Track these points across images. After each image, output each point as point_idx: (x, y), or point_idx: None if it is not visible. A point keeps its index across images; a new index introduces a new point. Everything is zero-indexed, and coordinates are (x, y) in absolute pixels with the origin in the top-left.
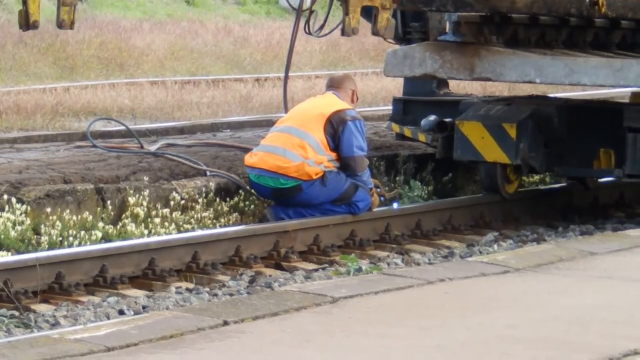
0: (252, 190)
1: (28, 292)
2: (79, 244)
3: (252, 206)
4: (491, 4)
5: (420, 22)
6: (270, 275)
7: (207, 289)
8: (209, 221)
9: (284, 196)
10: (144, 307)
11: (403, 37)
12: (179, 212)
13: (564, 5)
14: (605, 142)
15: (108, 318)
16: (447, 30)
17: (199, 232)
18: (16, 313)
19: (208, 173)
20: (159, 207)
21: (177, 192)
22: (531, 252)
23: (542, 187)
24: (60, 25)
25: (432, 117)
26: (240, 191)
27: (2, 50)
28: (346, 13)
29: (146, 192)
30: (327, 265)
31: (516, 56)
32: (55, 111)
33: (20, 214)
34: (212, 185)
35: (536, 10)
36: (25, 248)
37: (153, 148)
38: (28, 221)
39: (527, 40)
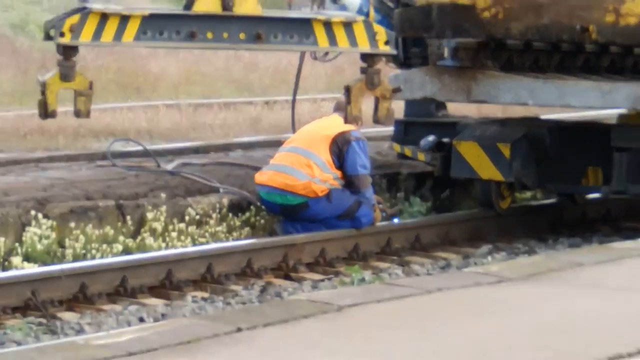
0: (262, 206)
1: (54, 301)
2: (101, 257)
3: (263, 221)
4: (487, 30)
5: (420, 47)
6: (279, 285)
7: (221, 298)
8: (222, 235)
9: (292, 212)
10: (162, 315)
11: (404, 62)
12: (194, 227)
13: (556, 32)
14: (594, 160)
15: (129, 325)
16: (445, 55)
17: (213, 245)
18: (43, 321)
19: (221, 190)
20: (175, 222)
21: (192, 208)
22: (523, 263)
23: (533, 202)
24: (77, 114)
25: (431, 138)
26: (252, 207)
27: (26, 75)
28: (348, 102)
29: (163, 208)
30: (332, 275)
31: (510, 80)
32: (76, 133)
33: (46, 229)
34: (225, 201)
35: (530, 36)
36: (50, 260)
37: (169, 167)
38: (53, 235)
39: (521, 65)
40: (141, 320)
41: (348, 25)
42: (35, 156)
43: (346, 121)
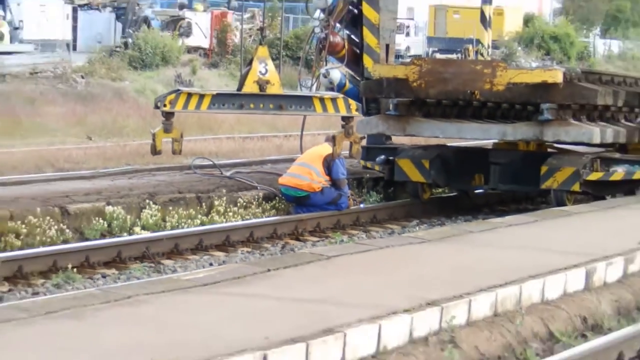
0: (283, 197)
1: (160, 253)
2: (187, 227)
3: (282, 206)
4: (415, 94)
5: (375, 103)
6: (293, 244)
7: (258, 251)
8: (259, 214)
9: (300, 201)
10: (223, 262)
11: (366, 112)
12: (243, 209)
13: (455, 94)
14: (478, 169)
15: (203, 267)
16: (390, 108)
17: (254, 220)
18: (153, 265)
19: (258, 187)
20: (231, 206)
21: (241, 198)
22: (437, 230)
23: (443, 195)
24: (173, 152)
25: (382, 156)
26: (276, 197)
27: (144, 120)
28: (334, 145)
29: (224, 198)
30: (324, 238)
31: (428, 123)
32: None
33: (155, 210)
34: (260, 194)
35: (440, 97)
36: (158, 229)
37: (228, 174)
38: (159, 214)
39: (435, 114)
40: (210, 264)
41: (334, 100)
42: (148, 167)
43: (333, 154)
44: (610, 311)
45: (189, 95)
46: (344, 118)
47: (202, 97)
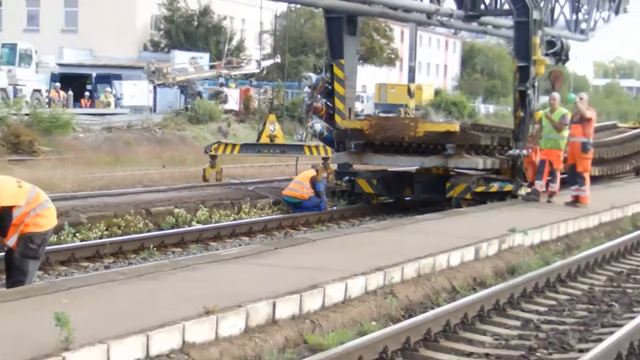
0: (285, 203)
1: (208, 238)
2: (225, 221)
3: (285, 208)
4: (367, 138)
5: (343, 144)
6: (291, 232)
7: (269, 237)
8: (271, 213)
9: (295, 205)
10: (247, 243)
11: (337, 150)
12: (260, 210)
13: (392, 138)
14: (407, 185)
15: (235, 247)
16: (352, 147)
17: (267, 217)
18: (203, 245)
19: (269, 197)
20: (252, 209)
21: (259, 203)
22: (382, 223)
23: (385, 201)
24: (216, 180)
25: (347, 177)
26: (281, 203)
27: (199, 156)
28: (316, 173)
29: (248, 203)
30: (311, 229)
31: (375, 156)
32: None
33: (205, 211)
34: (271, 201)
35: (383, 140)
36: (206, 223)
37: (250, 188)
38: (207, 214)
39: (379, 150)
40: (239, 245)
41: (317, 147)
42: (200, 185)
43: (316, 177)
44: (490, 273)
45: (226, 145)
46: (323, 158)
47: (234, 146)
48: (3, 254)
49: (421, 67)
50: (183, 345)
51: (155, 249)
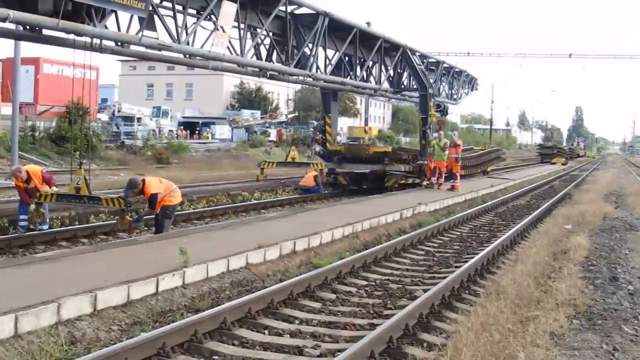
0: (300, 190)
1: (260, 208)
2: (269, 199)
3: (300, 192)
4: (343, 155)
5: (330, 158)
6: (304, 205)
7: (292, 207)
8: (293, 195)
9: (305, 190)
10: (280, 211)
11: (327, 161)
12: (287, 194)
13: (356, 155)
14: (364, 179)
15: (274, 212)
16: (335, 160)
17: (291, 197)
18: (258, 212)
19: (292, 186)
20: (283, 193)
21: (286, 190)
22: (353, 200)
23: (352, 188)
24: (264, 179)
25: (332, 175)
26: (297, 189)
27: (249, 165)
28: (319, 175)
29: (280, 189)
30: (316, 203)
31: (347, 164)
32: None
33: (257, 194)
34: (293, 188)
35: (351, 156)
36: (259, 199)
37: (282, 181)
38: (259, 195)
39: (349, 162)
40: (276, 212)
41: (316, 163)
42: (255, 180)
43: (317, 177)
44: (408, 226)
45: (269, 162)
46: (320, 169)
47: (272, 163)
48: (153, 216)
49: (370, 118)
50: (247, 265)
51: (232, 213)
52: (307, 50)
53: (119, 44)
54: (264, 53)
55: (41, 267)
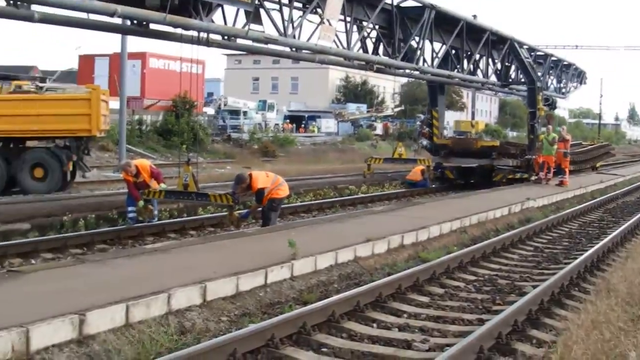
0: (407, 183)
1: (366, 201)
2: (375, 192)
3: (407, 186)
4: (449, 149)
5: (437, 152)
6: (410, 199)
7: (398, 201)
8: (399, 189)
9: (412, 184)
10: (387, 205)
11: (434, 155)
12: (394, 187)
13: (464, 148)
14: (472, 173)
15: (381, 206)
16: (442, 153)
17: (398, 190)
18: (365, 206)
19: (399, 180)
20: (390, 186)
21: (393, 183)
22: (460, 194)
23: (459, 183)
24: (370, 175)
25: (439, 169)
26: (404, 183)
27: (360, 159)
28: (426, 170)
29: (387, 183)
30: (421, 197)
31: (454, 159)
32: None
33: (364, 188)
34: (399, 182)
35: (458, 150)
36: (365, 193)
37: (389, 175)
38: (366, 189)
39: (455, 156)
40: (383, 205)
41: (423, 159)
42: (362, 174)
43: (425, 172)
44: (516, 221)
45: (375, 159)
46: (427, 165)
47: (379, 159)
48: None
49: (477, 112)
50: (355, 258)
51: (339, 206)
52: (413, 43)
53: (226, 37)
54: (370, 46)
55: (151, 258)
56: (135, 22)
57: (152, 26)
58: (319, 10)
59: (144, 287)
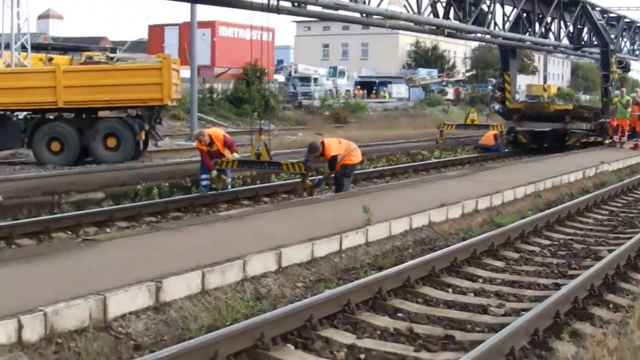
0: (480, 148)
1: (438, 167)
2: (448, 158)
3: (479, 151)
4: (522, 113)
5: (509, 116)
6: (483, 163)
7: (471, 166)
8: (472, 153)
9: (484, 149)
10: (460, 169)
11: (507, 119)
12: (467, 152)
13: (536, 112)
14: (545, 137)
15: (454, 171)
16: (515, 118)
17: (471, 155)
18: (437, 170)
19: (472, 144)
20: (463, 151)
21: (466, 148)
22: (533, 158)
23: (532, 147)
24: (442, 141)
25: (512, 134)
26: (477, 148)
27: (433, 125)
28: (500, 136)
29: (460, 148)
30: (494, 161)
31: (527, 123)
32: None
33: (437, 153)
34: (472, 147)
35: (528, 113)
36: (437, 158)
37: (462, 140)
38: (438, 154)
39: (529, 119)
40: (456, 170)
41: (496, 125)
42: (433, 140)
43: (497, 138)
44: (591, 185)
45: (447, 125)
46: (501, 131)
47: (451, 125)
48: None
49: (549, 75)
50: (429, 223)
51: (412, 172)
52: (484, 7)
53: (296, 4)
54: (440, 11)
55: (225, 225)
56: None
57: None
58: None
59: (218, 254)
